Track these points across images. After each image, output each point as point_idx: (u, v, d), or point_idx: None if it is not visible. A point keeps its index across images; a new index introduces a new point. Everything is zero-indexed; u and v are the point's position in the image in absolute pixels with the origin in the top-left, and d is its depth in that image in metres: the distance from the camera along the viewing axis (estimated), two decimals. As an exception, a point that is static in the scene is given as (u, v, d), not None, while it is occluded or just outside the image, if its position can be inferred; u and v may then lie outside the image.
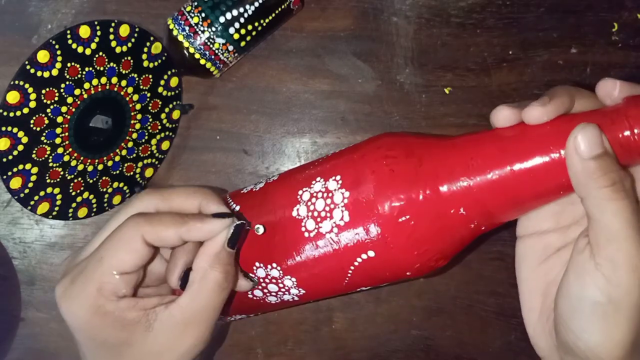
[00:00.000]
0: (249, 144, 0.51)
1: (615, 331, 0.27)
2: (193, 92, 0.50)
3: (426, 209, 0.32)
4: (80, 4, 0.49)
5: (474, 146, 0.31)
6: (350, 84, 0.50)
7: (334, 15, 0.50)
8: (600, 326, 0.27)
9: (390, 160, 0.33)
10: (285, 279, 0.36)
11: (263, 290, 0.38)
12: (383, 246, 0.33)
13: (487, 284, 0.51)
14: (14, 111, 0.37)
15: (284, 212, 0.36)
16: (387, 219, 0.32)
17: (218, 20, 0.44)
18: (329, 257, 0.34)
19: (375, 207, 0.32)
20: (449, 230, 0.32)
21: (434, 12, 0.50)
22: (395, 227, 0.32)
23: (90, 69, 0.40)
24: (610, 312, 0.27)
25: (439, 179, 0.31)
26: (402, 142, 0.34)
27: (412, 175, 0.32)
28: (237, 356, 0.51)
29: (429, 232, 0.32)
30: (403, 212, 0.32)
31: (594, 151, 0.26)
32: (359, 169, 0.34)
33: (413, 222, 0.32)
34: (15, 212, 0.50)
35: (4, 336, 0.50)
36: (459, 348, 0.51)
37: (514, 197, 0.30)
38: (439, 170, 0.31)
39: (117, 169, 0.46)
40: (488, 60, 0.50)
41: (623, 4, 0.50)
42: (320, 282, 0.36)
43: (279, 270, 0.36)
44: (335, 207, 0.34)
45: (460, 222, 0.32)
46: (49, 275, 0.51)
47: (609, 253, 0.27)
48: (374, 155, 0.34)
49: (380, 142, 0.35)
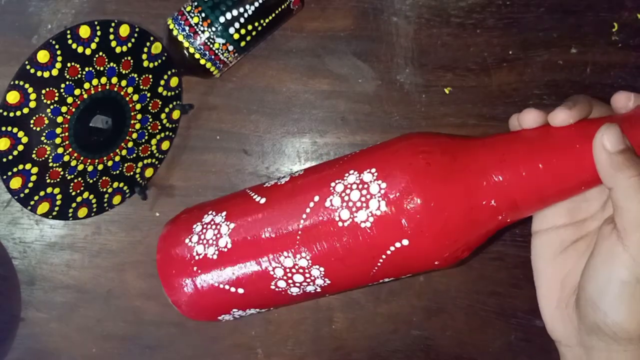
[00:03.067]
0: (249, 144, 0.51)
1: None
2: (193, 92, 0.50)
3: (460, 201, 0.34)
4: (80, 4, 0.49)
5: (505, 145, 0.34)
6: (350, 84, 0.50)
7: (334, 15, 0.50)
8: (628, 303, 0.30)
9: (426, 155, 0.35)
10: (313, 268, 0.37)
11: (287, 281, 0.38)
12: (418, 235, 0.34)
13: (487, 284, 0.51)
14: (14, 111, 0.37)
15: (316, 203, 0.37)
16: (423, 209, 0.34)
17: (218, 20, 0.44)
18: (362, 245, 0.35)
19: (412, 197, 0.34)
20: (478, 222, 0.35)
21: (434, 12, 0.50)
22: (430, 216, 0.34)
23: (90, 69, 0.40)
24: (637, 291, 0.30)
25: (472, 173, 0.34)
26: (436, 140, 0.36)
27: (447, 169, 0.34)
28: (237, 356, 0.51)
29: (461, 223, 0.34)
30: (438, 203, 0.34)
31: (619, 146, 0.30)
32: (394, 162, 0.36)
33: (447, 213, 0.34)
34: (15, 212, 0.50)
35: (4, 336, 0.50)
36: (459, 348, 0.51)
37: (540, 191, 0.33)
38: (472, 166, 0.34)
39: (117, 169, 0.46)
40: (488, 60, 0.50)
41: (623, 4, 0.50)
42: (348, 272, 0.37)
43: (307, 260, 0.37)
44: (371, 198, 0.35)
45: (490, 214, 0.34)
46: (49, 275, 0.51)
47: (637, 236, 0.29)
48: (409, 151, 0.36)
49: (413, 140, 0.37)
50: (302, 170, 0.41)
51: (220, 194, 0.50)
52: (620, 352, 0.31)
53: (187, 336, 0.51)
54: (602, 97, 0.50)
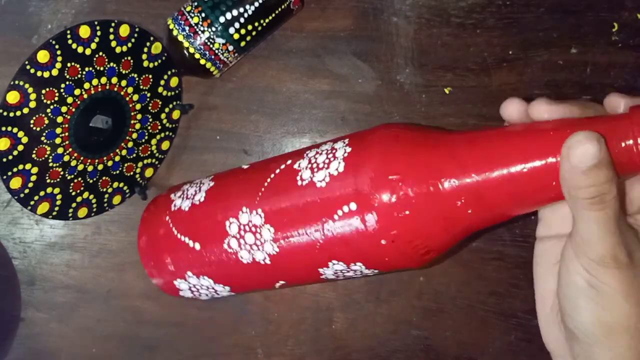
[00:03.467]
0: (249, 144, 0.51)
1: (606, 315, 0.29)
2: (193, 92, 0.50)
3: (419, 177, 0.32)
4: (80, 4, 0.49)
5: (479, 134, 0.32)
6: (350, 84, 0.50)
7: (334, 15, 0.50)
8: (588, 307, 0.29)
9: (398, 130, 0.34)
10: (264, 228, 0.36)
11: (239, 240, 0.37)
12: (366, 201, 0.33)
13: (487, 284, 0.51)
14: (14, 111, 0.37)
15: (287, 165, 0.37)
16: (379, 178, 0.33)
17: (218, 20, 0.44)
18: (312, 206, 0.35)
19: (371, 163, 0.33)
20: (439, 208, 0.32)
21: (434, 12, 0.50)
22: (384, 185, 0.32)
23: (90, 69, 0.40)
24: (594, 296, 0.29)
25: (438, 152, 0.32)
26: (412, 124, 0.36)
27: (414, 143, 0.33)
28: (237, 356, 0.51)
29: (417, 200, 0.32)
30: (397, 175, 0.32)
31: (586, 162, 0.27)
32: (367, 133, 0.36)
33: (402, 184, 0.32)
34: (15, 212, 0.50)
35: (4, 336, 0.50)
36: (459, 348, 0.51)
37: (510, 189, 0.30)
38: (439, 146, 0.32)
39: (117, 169, 0.46)
40: (488, 60, 0.50)
41: (623, 4, 0.50)
42: (296, 237, 0.36)
43: (261, 217, 0.36)
44: (334, 160, 0.35)
45: (453, 202, 0.31)
46: (49, 275, 0.51)
47: (584, 250, 0.29)
48: (385, 127, 0.36)
49: (393, 123, 0.36)
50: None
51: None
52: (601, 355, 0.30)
53: (187, 336, 0.51)
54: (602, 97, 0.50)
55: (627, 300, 0.29)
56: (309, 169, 0.36)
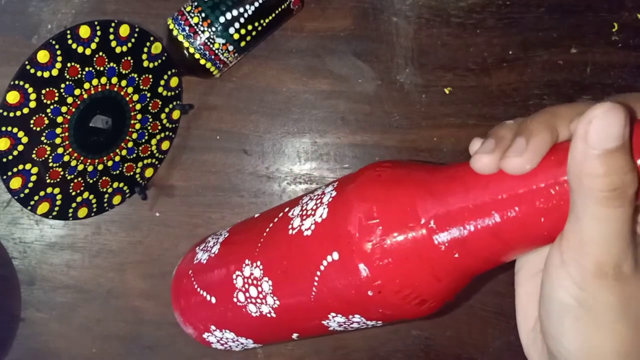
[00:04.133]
0: (249, 144, 0.51)
1: (595, 338, 0.24)
2: (193, 92, 0.50)
3: (398, 221, 0.28)
4: (80, 4, 0.49)
5: (457, 172, 0.28)
6: (350, 84, 0.50)
7: (334, 15, 0.50)
8: (575, 330, 0.24)
9: (381, 168, 0.32)
10: (263, 281, 0.35)
11: (245, 293, 0.36)
12: (347, 250, 0.30)
13: (487, 284, 0.51)
14: (14, 111, 0.37)
15: (284, 213, 0.36)
16: (358, 223, 0.30)
17: (218, 20, 0.44)
18: (301, 256, 0.33)
19: (351, 208, 0.30)
20: (422, 250, 0.28)
21: (434, 12, 0.50)
22: (363, 231, 0.29)
23: (90, 69, 0.40)
24: (581, 315, 0.24)
25: (418, 188, 0.29)
26: (398, 160, 0.33)
27: (393, 184, 0.30)
28: (237, 356, 0.51)
29: (397, 246, 0.28)
30: (375, 219, 0.29)
31: (606, 144, 0.21)
32: (352, 177, 0.33)
33: (381, 228, 0.29)
34: (15, 212, 0.50)
35: (4, 336, 0.50)
36: (459, 348, 0.51)
37: (495, 233, 0.26)
38: (420, 183, 0.29)
39: (117, 169, 0.46)
40: (488, 60, 0.50)
41: (623, 4, 0.50)
42: (292, 289, 0.34)
43: (260, 270, 0.35)
44: (320, 205, 0.33)
45: (436, 246, 0.28)
46: (49, 275, 0.51)
47: (578, 255, 0.23)
48: (370, 166, 0.33)
49: (379, 164, 0.33)
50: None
51: (220, 194, 0.50)
52: None
53: (187, 336, 0.51)
54: (602, 98, 0.50)
55: (622, 320, 0.23)
56: (299, 217, 0.34)
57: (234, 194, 0.50)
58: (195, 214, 0.50)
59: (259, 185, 0.51)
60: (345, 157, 0.51)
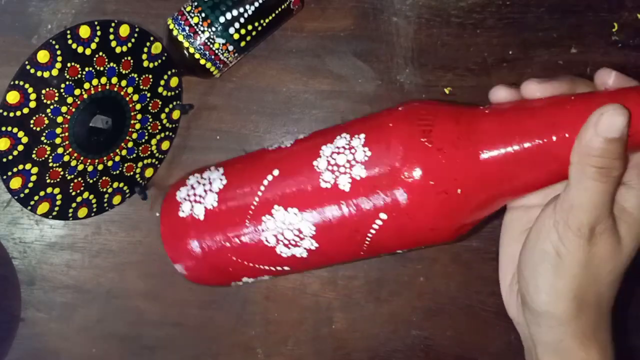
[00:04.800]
0: (249, 144, 0.51)
1: (559, 282, 0.31)
2: (193, 92, 0.50)
3: (458, 175, 0.33)
4: (80, 4, 0.49)
5: (511, 114, 0.33)
6: (350, 84, 0.50)
7: (334, 15, 0.50)
8: (546, 274, 0.31)
9: (425, 124, 0.34)
10: (302, 223, 0.37)
11: (277, 236, 0.38)
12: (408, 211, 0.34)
13: (487, 284, 0.51)
14: (14, 111, 0.37)
15: (306, 163, 0.38)
16: (419, 182, 0.33)
17: (218, 20, 0.44)
18: (347, 219, 0.36)
19: (405, 168, 0.34)
20: (480, 196, 0.33)
21: (434, 12, 0.50)
22: (423, 192, 0.33)
23: (90, 69, 0.40)
24: (555, 264, 0.31)
25: (474, 145, 0.33)
26: (434, 108, 0.36)
27: (447, 140, 0.34)
28: (237, 356, 0.51)
29: (461, 200, 0.33)
30: (433, 176, 0.33)
31: (608, 133, 0.28)
32: (384, 130, 0.36)
33: (442, 189, 0.33)
34: (15, 212, 0.50)
35: (4, 336, 0.50)
36: (459, 348, 0.51)
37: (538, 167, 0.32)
38: (474, 137, 0.33)
39: (117, 169, 0.46)
40: (488, 60, 0.50)
41: (623, 4, 0.50)
42: (336, 238, 0.37)
43: (296, 215, 0.37)
44: (355, 164, 0.35)
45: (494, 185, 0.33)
46: (49, 275, 0.51)
47: (566, 216, 0.30)
48: (406, 118, 0.35)
49: (410, 107, 0.36)
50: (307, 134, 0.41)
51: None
52: (547, 330, 0.32)
53: (187, 336, 0.51)
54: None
55: (584, 272, 0.30)
56: (329, 171, 0.36)
57: (234, 194, 0.50)
58: (195, 214, 0.50)
59: (259, 185, 0.51)
60: (345, 157, 0.51)
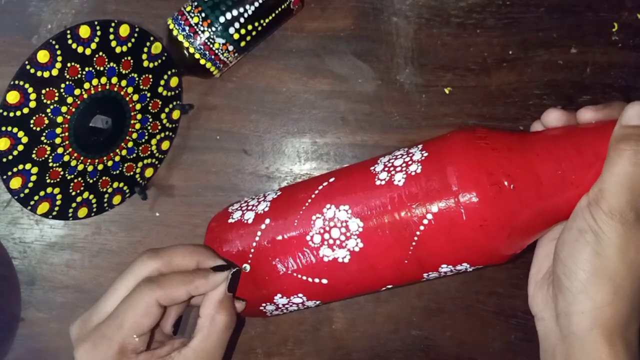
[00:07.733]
0: (249, 144, 0.51)
1: (596, 260, 0.32)
2: (193, 92, 0.50)
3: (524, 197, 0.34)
4: (80, 4, 0.49)
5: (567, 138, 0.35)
6: (350, 84, 0.50)
7: (334, 15, 0.50)
8: (584, 251, 0.32)
9: (478, 134, 0.37)
10: (351, 220, 0.38)
11: (323, 235, 0.39)
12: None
13: (487, 284, 0.51)
14: (14, 111, 0.37)
15: (363, 168, 0.40)
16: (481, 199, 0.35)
17: (218, 20, 0.44)
18: (397, 212, 0.37)
19: (463, 189, 0.35)
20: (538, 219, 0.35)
21: (434, 12, 0.50)
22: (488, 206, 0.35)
23: (90, 69, 0.40)
24: (592, 241, 0.32)
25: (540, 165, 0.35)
26: (485, 130, 0.38)
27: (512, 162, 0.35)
28: (237, 356, 0.51)
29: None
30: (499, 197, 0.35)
31: (634, 121, 0.32)
32: (442, 139, 0.38)
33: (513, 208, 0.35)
34: (15, 212, 0.50)
35: (4, 336, 0.50)
36: (459, 348, 0.51)
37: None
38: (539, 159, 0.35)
39: (117, 169, 0.46)
40: (488, 60, 0.50)
41: (623, 4, 0.50)
42: (383, 238, 0.37)
43: (347, 212, 0.38)
44: (412, 163, 0.37)
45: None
46: (49, 275, 0.51)
47: (599, 199, 0.32)
48: (464, 142, 0.37)
49: (464, 130, 0.38)
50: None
51: (220, 194, 0.50)
52: (578, 319, 0.33)
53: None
54: (602, 97, 0.51)
55: (619, 255, 0.32)
56: (385, 171, 0.38)
57: (234, 194, 0.50)
58: (195, 214, 0.50)
59: (259, 185, 0.51)
60: (345, 157, 0.51)
